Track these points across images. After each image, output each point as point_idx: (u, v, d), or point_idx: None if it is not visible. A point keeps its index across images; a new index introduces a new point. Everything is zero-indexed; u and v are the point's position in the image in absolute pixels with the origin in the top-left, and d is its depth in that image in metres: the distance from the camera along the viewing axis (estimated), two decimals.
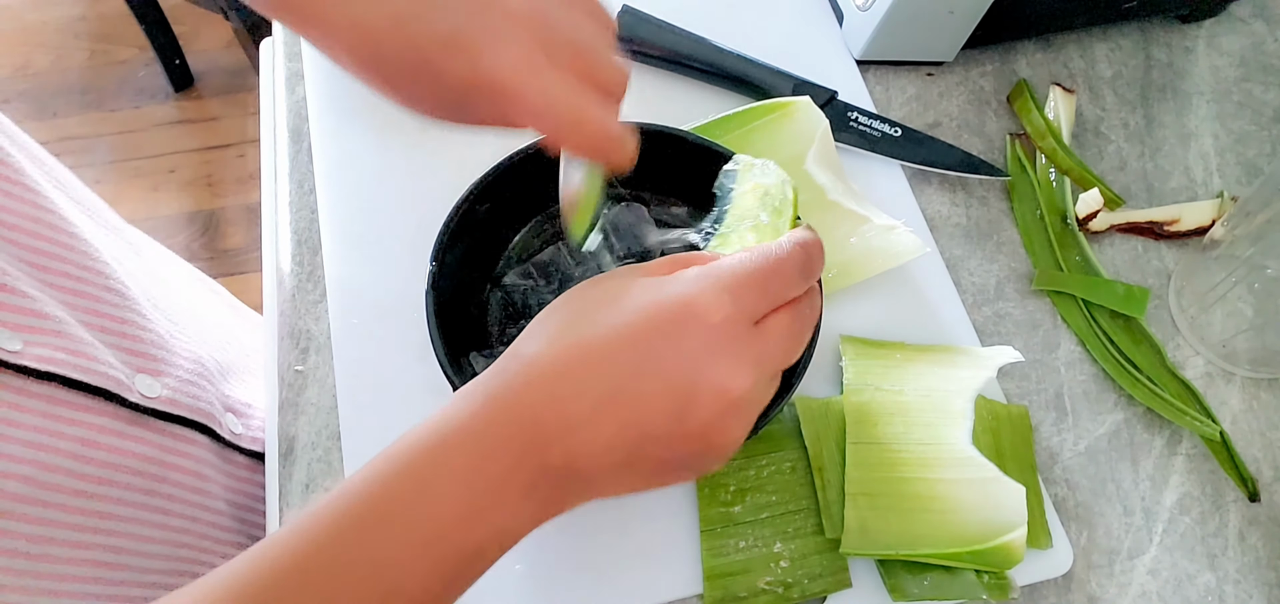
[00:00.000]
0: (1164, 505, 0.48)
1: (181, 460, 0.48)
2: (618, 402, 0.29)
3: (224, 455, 0.52)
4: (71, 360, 0.41)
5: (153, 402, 0.46)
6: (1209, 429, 0.49)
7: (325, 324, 0.51)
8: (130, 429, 0.44)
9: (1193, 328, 0.53)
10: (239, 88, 1.82)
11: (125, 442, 0.44)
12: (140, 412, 0.45)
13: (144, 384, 0.46)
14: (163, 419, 0.47)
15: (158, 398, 0.46)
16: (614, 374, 0.30)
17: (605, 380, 0.30)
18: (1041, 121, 0.59)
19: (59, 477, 0.40)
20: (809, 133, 0.53)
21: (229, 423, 0.53)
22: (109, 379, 0.43)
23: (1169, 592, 0.46)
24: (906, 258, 0.50)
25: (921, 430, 0.45)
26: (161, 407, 0.46)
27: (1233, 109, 0.62)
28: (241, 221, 1.65)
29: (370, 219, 0.54)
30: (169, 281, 0.56)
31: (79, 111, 1.77)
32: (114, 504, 0.43)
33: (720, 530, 0.44)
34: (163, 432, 0.47)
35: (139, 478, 0.44)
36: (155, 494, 0.45)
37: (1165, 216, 0.56)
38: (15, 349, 0.38)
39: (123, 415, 0.44)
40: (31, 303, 0.40)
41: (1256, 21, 0.67)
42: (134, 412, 0.45)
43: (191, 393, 0.50)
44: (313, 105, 0.59)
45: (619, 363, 0.30)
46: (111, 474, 0.43)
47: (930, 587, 0.42)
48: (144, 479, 0.45)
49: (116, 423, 0.44)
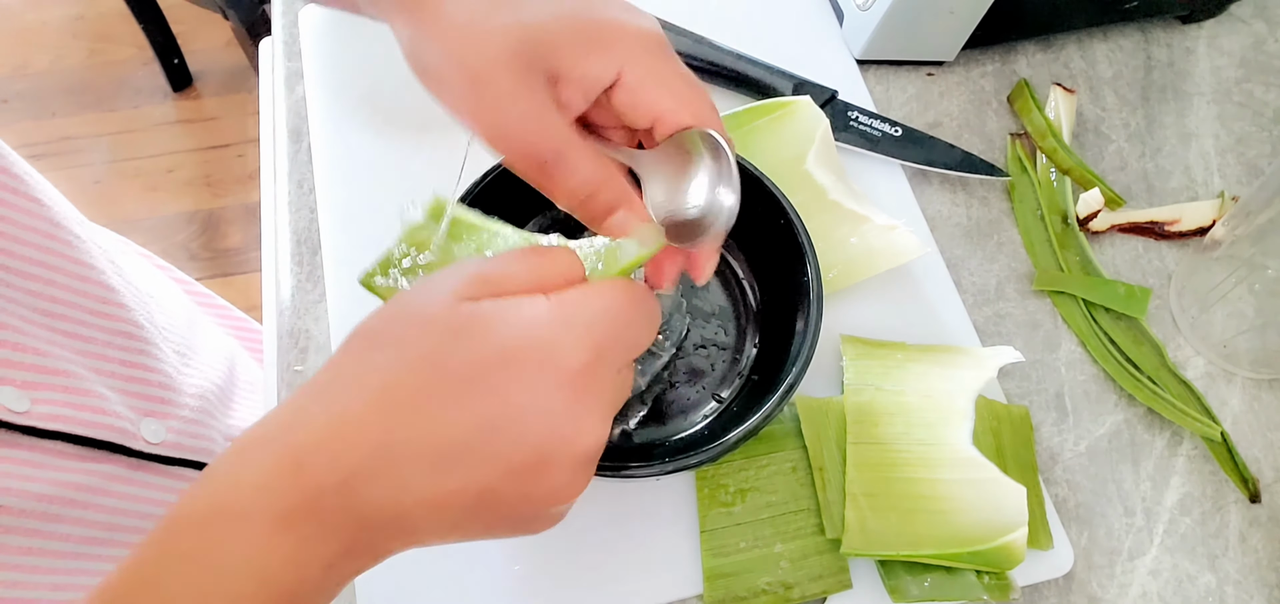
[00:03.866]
0: (1165, 506, 0.48)
1: None
2: (459, 461, 0.26)
3: None
4: (77, 416, 0.41)
5: (156, 447, 0.46)
6: (1210, 430, 0.49)
7: (325, 324, 0.51)
8: (134, 475, 0.44)
9: (1193, 328, 0.53)
10: (238, 88, 1.82)
11: (130, 487, 0.44)
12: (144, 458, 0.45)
13: (149, 430, 0.46)
14: (166, 464, 0.47)
15: (162, 442, 0.46)
16: (457, 426, 0.26)
17: (446, 431, 0.26)
18: (1042, 121, 0.58)
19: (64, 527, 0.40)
20: (809, 132, 0.53)
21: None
22: (114, 430, 0.43)
23: (1169, 592, 0.46)
24: (907, 258, 0.50)
25: (922, 431, 0.45)
26: (165, 452, 0.46)
27: (1233, 109, 0.62)
28: (241, 221, 1.65)
29: (370, 219, 0.54)
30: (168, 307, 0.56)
31: (78, 111, 1.77)
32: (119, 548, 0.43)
33: (720, 531, 0.44)
34: (166, 475, 0.47)
35: (144, 521, 0.44)
36: None
37: (1166, 216, 0.56)
38: (23, 410, 0.38)
39: (127, 463, 0.44)
40: (41, 360, 0.40)
41: (1257, 21, 0.67)
42: (138, 458, 0.45)
43: (194, 432, 0.50)
44: (312, 105, 0.59)
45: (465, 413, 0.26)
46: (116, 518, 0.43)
47: (931, 588, 0.42)
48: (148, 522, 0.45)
49: (121, 469, 0.44)
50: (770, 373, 0.46)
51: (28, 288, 0.41)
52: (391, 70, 0.60)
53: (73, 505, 0.41)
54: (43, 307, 0.42)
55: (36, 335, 0.41)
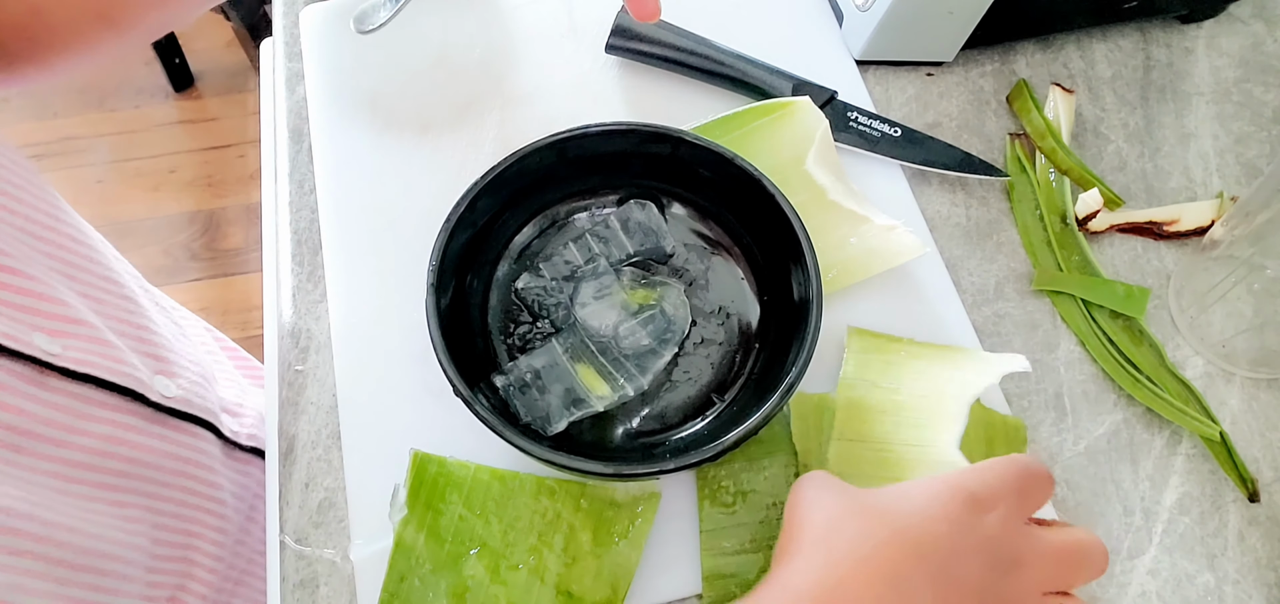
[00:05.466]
0: (1164, 506, 0.48)
1: (195, 456, 0.49)
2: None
3: (228, 452, 0.54)
4: (102, 362, 0.43)
5: (170, 401, 0.48)
6: (1209, 429, 0.49)
7: (325, 324, 0.51)
8: (150, 426, 0.46)
9: (1192, 328, 0.53)
10: (239, 88, 1.82)
11: (147, 438, 0.46)
12: (159, 410, 0.47)
13: (162, 384, 0.48)
14: (177, 417, 0.49)
15: (174, 397, 0.48)
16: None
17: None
18: (1041, 121, 0.59)
19: (82, 471, 0.42)
20: (809, 133, 0.53)
21: (226, 422, 0.54)
22: (134, 379, 0.45)
23: (1168, 592, 0.46)
24: (906, 258, 0.50)
25: (910, 431, 0.45)
26: (177, 405, 0.48)
27: (1232, 109, 0.62)
28: (241, 221, 1.65)
29: (370, 219, 0.54)
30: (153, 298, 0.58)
31: (79, 111, 1.77)
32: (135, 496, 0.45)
33: (720, 531, 0.44)
34: (178, 429, 0.49)
35: (157, 472, 0.46)
36: (171, 487, 0.47)
37: (1165, 217, 0.56)
38: (55, 352, 0.40)
39: (144, 413, 0.46)
40: (68, 309, 0.42)
41: (1256, 22, 0.67)
42: (154, 410, 0.47)
43: (199, 393, 0.52)
44: (313, 105, 0.59)
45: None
46: (133, 468, 0.45)
47: None
48: (162, 473, 0.47)
49: (138, 420, 0.45)
50: (770, 373, 0.46)
51: (46, 249, 0.44)
52: (392, 71, 0.60)
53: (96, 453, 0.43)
54: (59, 266, 0.44)
55: (58, 287, 0.43)
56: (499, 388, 0.44)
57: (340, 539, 0.45)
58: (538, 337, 0.48)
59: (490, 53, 0.61)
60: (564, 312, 0.48)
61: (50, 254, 0.44)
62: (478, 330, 0.48)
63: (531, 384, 0.44)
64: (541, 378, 0.44)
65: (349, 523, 0.45)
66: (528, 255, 0.50)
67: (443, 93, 0.59)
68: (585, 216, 0.52)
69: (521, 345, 0.48)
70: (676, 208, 0.52)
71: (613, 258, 0.49)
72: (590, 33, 0.61)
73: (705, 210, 0.52)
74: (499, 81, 0.60)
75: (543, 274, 0.49)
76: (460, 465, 0.44)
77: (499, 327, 0.48)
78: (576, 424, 0.44)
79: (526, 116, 0.58)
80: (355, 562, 0.44)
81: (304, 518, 0.46)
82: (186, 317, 0.63)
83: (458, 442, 0.44)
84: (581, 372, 0.45)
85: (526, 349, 0.48)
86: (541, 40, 0.62)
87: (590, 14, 0.62)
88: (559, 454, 0.40)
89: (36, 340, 0.40)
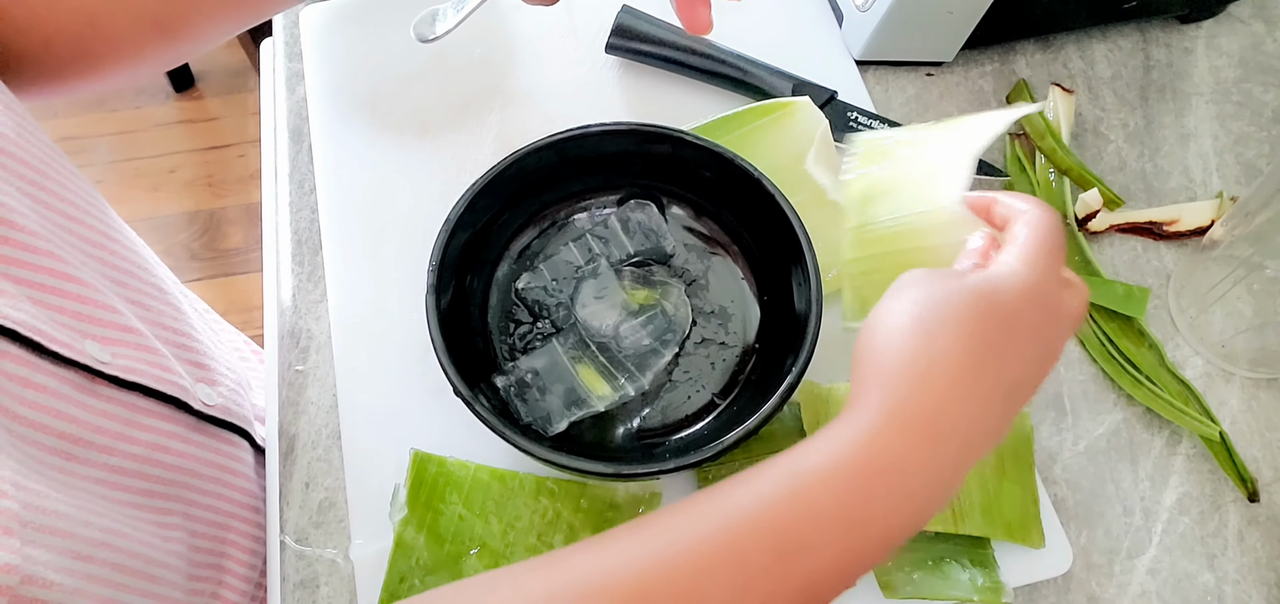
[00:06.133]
0: (1163, 505, 0.48)
1: (230, 463, 0.49)
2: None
3: (260, 459, 0.54)
4: (150, 371, 0.43)
5: (211, 409, 0.48)
6: (1208, 429, 0.49)
7: (325, 324, 0.51)
8: (192, 435, 0.46)
9: (1192, 328, 0.53)
10: (239, 88, 1.82)
11: (188, 446, 0.46)
12: (201, 418, 0.47)
13: (203, 393, 0.48)
14: (217, 425, 0.49)
15: (215, 405, 0.48)
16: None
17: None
18: (1041, 122, 0.59)
19: (127, 479, 0.42)
20: (809, 133, 0.53)
21: (257, 429, 0.54)
22: (178, 388, 0.45)
23: (1168, 591, 0.46)
24: None
25: (916, 201, 0.43)
26: (217, 413, 0.48)
27: (1232, 109, 0.62)
28: (242, 221, 1.65)
29: (370, 219, 0.54)
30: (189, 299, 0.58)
31: (79, 111, 1.77)
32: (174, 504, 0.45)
33: None
34: (217, 437, 0.48)
35: (196, 480, 0.46)
36: (208, 494, 0.47)
37: (1164, 217, 0.56)
38: (105, 360, 0.40)
39: (186, 422, 0.46)
40: (118, 317, 0.42)
41: (1256, 22, 0.67)
42: (196, 418, 0.47)
43: (236, 400, 0.52)
44: (313, 105, 0.59)
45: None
46: (174, 475, 0.45)
47: (920, 584, 0.43)
48: (200, 481, 0.46)
49: (181, 429, 0.45)
50: (770, 373, 0.46)
51: (96, 253, 0.44)
52: (392, 71, 0.60)
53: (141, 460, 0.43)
54: (108, 272, 0.44)
55: (107, 293, 0.43)
56: (499, 388, 0.44)
57: (340, 539, 0.45)
58: (538, 337, 0.48)
59: (490, 53, 0.61)
60: (564, 312, 0.48)
61: (103, 260, 0.44)
62: (478, 330, 0.48)
63: (532, 384, 0.44)
64: (542, 378, 0.44)
65: (349, 523, 0.45)
66: (528, 255, 0.51)
67: (443, 93, 0.59)
68: (585, 217, 0.52)
69: (522, 345, 0.48)
70: (676, 208, 0.52)
71: (613, 258, 0.49)
72: (590, 33, 0.61)
73: (705, 210, 0.52)
74: (499, 81, 0.60)
75: (543, 274, 0.49)
76: (460, 465, 0.44)
77: (499, 327, 0.48)
78: (577, 424, 0.44)
79: (526, 116, 0.58)
80: (355, 561, 0.44)
81: (304, 518, 0.46)
82: (218, 321, 0.63)
83: (458, 442, 0.44)
84: (582, 372, 0.45)
85: (527, 349, 0.48)
86: (541, 40, 0.62)
87: (590, 14, 0.62)
88: (559, 454, 0.40)
89: (88, 348, 0.40)
